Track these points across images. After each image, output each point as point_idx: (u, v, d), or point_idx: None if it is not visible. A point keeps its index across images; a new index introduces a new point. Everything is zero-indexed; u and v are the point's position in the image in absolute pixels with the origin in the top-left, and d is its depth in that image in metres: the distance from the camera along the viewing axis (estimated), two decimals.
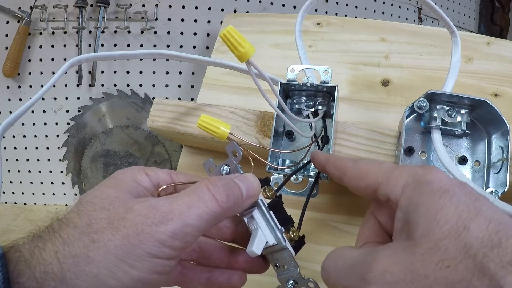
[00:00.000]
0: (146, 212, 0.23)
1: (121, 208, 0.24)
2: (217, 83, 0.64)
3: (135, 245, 0.22)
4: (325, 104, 0.42)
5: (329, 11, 0.91)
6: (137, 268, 0.22)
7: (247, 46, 0.28)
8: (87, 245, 0.22)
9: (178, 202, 0.24)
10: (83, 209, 0.24)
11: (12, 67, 0.84)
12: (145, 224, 0.23)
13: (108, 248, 0.22)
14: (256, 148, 0.42)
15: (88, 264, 0.21)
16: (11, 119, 0.41)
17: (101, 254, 0.22)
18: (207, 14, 0.87)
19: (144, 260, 0.22)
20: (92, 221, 0.23)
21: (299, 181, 0.40)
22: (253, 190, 0.28)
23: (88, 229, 0.23)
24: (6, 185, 0.91)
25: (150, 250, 0.22)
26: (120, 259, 0.22)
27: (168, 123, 0.49)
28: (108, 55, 0.51)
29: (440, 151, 0.38)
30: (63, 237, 0.22)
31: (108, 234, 0.22)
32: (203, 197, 0.25)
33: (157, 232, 0.23)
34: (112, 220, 0.23)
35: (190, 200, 0.25)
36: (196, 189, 0.26)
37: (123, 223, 0.23)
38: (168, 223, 0.23)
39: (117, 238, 0.22)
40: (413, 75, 0.58)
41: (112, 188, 0.25)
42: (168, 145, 0.88)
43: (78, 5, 0.83)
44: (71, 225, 0.23)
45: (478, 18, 1.17)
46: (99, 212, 0.23)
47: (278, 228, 0.30)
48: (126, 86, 0.88)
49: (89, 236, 0.22)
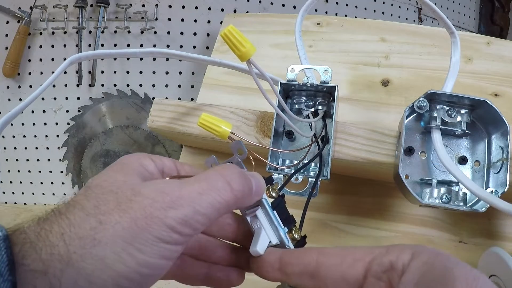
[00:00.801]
0: (155, 196, 0.23)
1: (129, 191, 0.23)
2: (217, 83, 0.64)
3: (143, 228, 0.22)
4: (325, 104, 0.42)
5: (329, 11, 0.91)
6: (144, 252, 0.22)
7: (248, 46, 0.28)
8: (94, 227, 0.21)
9: (188, 188, 0.24)
10: (91, 192, 0.23)
11: (12, 67, 0.84)
12: (153, 207, 0.22)
13: (116, 230, 0.21)
14: (256, 148, 0.42)
15: (94, 247, 0.21)
16: (10, 115, 0.41)
17: (108, 237, 0.21)
18: (207, 14, 0.87)
19: (152, 244, 0.22)
20: (99, 203, 0.22)
21: (299, 181, 0.40)
22: (261, 188, 0.28)
23: (96, 210, 0.22)
24: (6, 185, 0.91)
25: (158, 234, 0.22)
26: (128, 242, 0.21)
27: (168, 123, 0.49)
28: (107, 53, 0.51)
29: (440, 151, 0.38)
30: (70, 219, 0.22)
31: (115, 216, 0.22)
32: (216, 185, 0.24)
33: (166, 217, 0.22)
34: (120, 202, 0.22)
35: (201, 187, 0.24)
36: (208, 176, 0.25)
37: (131, 205, 0.22)
38: (178, 209, 0.23)
39: (125, 221, 0.22)
40: (413, 75, 0.58)
41: (119, 173, 0.25)
42: (168, 145, 0.88)
43: (78, 5, 0.83)
44: (78, 206, 0.22)
45: (478, 18, 1.17)
46: (107, 195, 0.23)
47: (281, 227, 0.30)
48: (126, 86, 0.88)
49: (96, 218, 0.22)
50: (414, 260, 0.21)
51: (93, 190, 0.24)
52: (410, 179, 0.41)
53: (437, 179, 0.40)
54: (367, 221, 0.51)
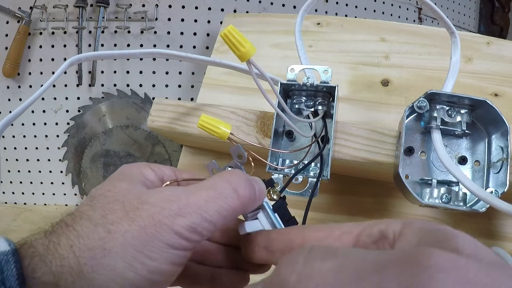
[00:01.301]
0: (162, 204, 0.23)
1: (135, 200, 0.23)
2: (217, 83, 0.64)
3: (153, 236, 0.22)
4: (325, 104, 0.42)
5: (329, 11, 0.91)
6: (155, 259, 0.22)
7: (248, 46, 0.28)
8: (103, 237, 0.22)
9: (196, 195, 0.24)
10: (96, 202, 0.23)
11: (12, 67, 0.84)
12: (161, 215, 0.23)
13: (125, 239, 0.22)
14: (256, 148, 0.42)
15: (104, 257, 0.21)
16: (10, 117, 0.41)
17: (118, 246, 0.21)
18: (207, 14, 0.87)
19: (161, 251, 0.22)
20: (106, 213, 0.23)
21: (299, 181, 0.40)
22: (262, 192, 0.28)
23: (103, 220, 0.22)
24: (6, 185, 0.91)
25: (168, 241, 0.22)
26: (138, 250, 0.22)
27: (168, 123, 0.49)
28: (108, 54, 0.51)
29: (440, 151, 0.38)
30: (77, 230, 0.22)
31: (124, 225, 0.22)
32: (223, 193, 0.24)
33: (174, 224, 0.22)
34: (128, 211, 0.23)
35: (209, 194, 0.24)
36: (215, 183, 0.25)
37: (139, 213, 0.23)
38: (186, 216, 0.23)
39: (134, 229, 0.22)
40: (413, 75, 0.58)
41: (122, 182, 0.25)
42: (168, 145, 0.88)
43: (78, 5, 0.83)
44: (85, 217, 0.23)
45: (478, 18, 1.17)
46: (113, 204, 0.23)
47: None
48: (126, 86, 0.88)
49: (105, 227, 0.22)
50: (406, 228, 0.20)
51: (98, 200, 0.24)
52: (410, 179, 0.41)
53: (437, 179, 0.40)
54: (367, 221, 0.51)
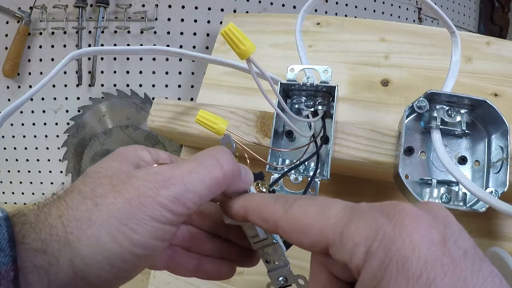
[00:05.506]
0: (148, 177, 0.24)
1: (123, 175, 0.24)
2: (217, 83, 0.64)
3: (137, 208, 0.22)
4: (325, 104, 0.42)
5: (329, 11, 0.91)
6: (138, 232, 0.22)
7: (248, 44, 0.28)
8: (90, 209, 0.22)
9: (180, 168, 0.24)
10: (88, 178, 0.24)
11: (12, 67, 0.84)
12: (146, 187, 0.23)
13: (110, 211, 0.22)
14: (256, 148, 0.42)
15: (90, 227, 0.22)
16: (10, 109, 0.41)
17: (103, 217, 0.22)
18: (207, 14, 0.87)
19: (145, 223, 0.22)
20: (96, 187, 0.23)
21: (299, 181, 0.40)
22: (249, 177, 0.29)
23: (92, 193, 0.23)
24: (6, 185, 0.91)
25: (151, 213, 0.23)
26: (122, 222, 0.22)
27: (168, 123, 0.49)
28: (109, 49, 0.51)
29: (440, 151, 0.38)
30: (67, 202, 0.23)
31: (110, 197, 0.23)
32: (206, 163, 0.25)
33: (158, 195, 0.23)
34: (115, 185, 0.23)
35: (192, 166, 0.25)
36: (199, 156, 0.26)
37: (125, 186, 0.23)
38: (170, 187, 0.23)
39: (119, 201, 0.22)
40: (413, 75, 0.58)
41: (115, 161, 0.26)
42: (168, 145, 0.88)
43: (78, 5, 0.83)
44: (76, 190, 0.23)
45: (478, 18, 1.17)
46: (103, 179, 0.24)
47: None
48: (126, 86, 0.88)
49: (93, 200, 0.23)
50: (366, 268, 0.19)
51: (90, 175, 0.24)
52: (410, 179, 0.41)
53: (437, 179, 0.40)
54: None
